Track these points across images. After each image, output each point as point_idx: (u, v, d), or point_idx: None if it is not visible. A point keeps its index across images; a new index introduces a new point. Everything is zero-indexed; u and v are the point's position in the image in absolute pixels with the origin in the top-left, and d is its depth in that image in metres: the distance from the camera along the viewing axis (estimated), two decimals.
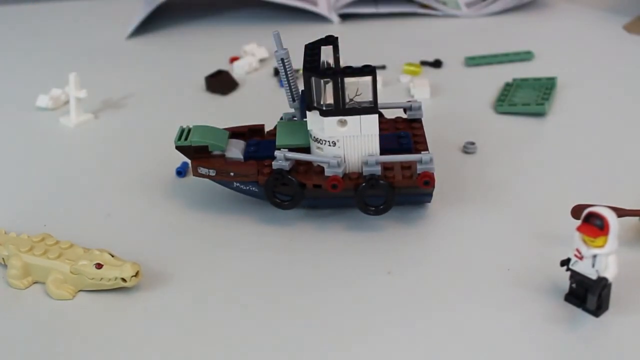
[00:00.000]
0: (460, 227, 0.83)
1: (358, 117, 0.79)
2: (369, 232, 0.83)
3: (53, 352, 0.71)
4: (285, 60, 0.83)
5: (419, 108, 0.89)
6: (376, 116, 0.80)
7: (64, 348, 0.71)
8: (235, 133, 0.89)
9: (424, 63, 1.20)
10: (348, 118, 0.79)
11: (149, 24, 1.40)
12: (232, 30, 1.39)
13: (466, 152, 0.96)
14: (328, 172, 0.81)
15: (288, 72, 0.84)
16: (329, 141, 0.81)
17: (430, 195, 0.84)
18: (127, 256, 0.79)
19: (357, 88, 0.80)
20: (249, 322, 0.73)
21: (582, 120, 1.02)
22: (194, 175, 0.86)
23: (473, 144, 0.96)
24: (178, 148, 0.86)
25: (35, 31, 1.45)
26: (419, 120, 0.89)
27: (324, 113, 0.79)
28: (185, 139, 0.85)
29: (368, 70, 0.78)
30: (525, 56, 1.20)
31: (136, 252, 0.81)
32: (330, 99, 0.79)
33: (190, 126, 0.87)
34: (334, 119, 0.80)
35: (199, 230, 0.86)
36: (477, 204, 0.87)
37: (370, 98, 0.79)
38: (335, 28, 1.36)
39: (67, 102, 1.13)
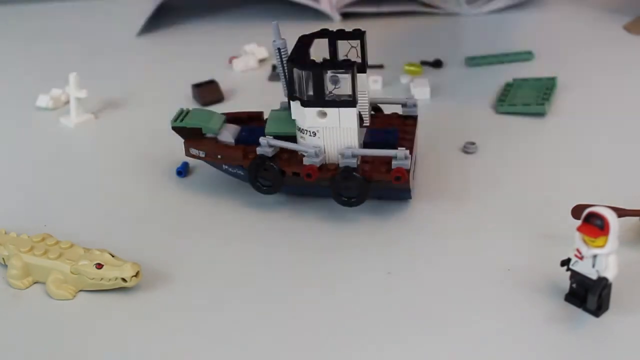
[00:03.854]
0: (460, 227, 0.83)
1: (337, 109, 0.81)
2: (369, 231, 0.83)
3: (53, 352, 0.71)
4: (282, 50, 0.84)
5: (414, 105, 0.90)
6: (354, 110, 0.81)
7: (64, 348, 0.71)
8: (235, 118, 0.91)
9: (424, 63, 1.20)
10: (327, 110, 0.81)
11: (150, 24, 1.40)
12: (233, 29, 1.39)
13: (466, 152, 0.96)
14: (306, 161, 0.82)
15: (284, 62, 0.85)
16: (309, 131, 0.82)
17: (408, 191, 0.84)
18: (127, 256, 0.79)
19: (340, 80, 0.82)
20: (249, 321, 0.73)
21: (582, 120, 1.02)
22: (185, 155, 0.89)
23: (473, 144, 0.96)
24: (174, 128, 0.89)
25: (35, 31, 1.45)
26: (414, 118, 0.90)
27: (305, 103, 0.81)
28: (182, 120, 0.89)
29: (347, 65, 0.80)
30: (525, 56, 1.20)
31: (136, 252, 0.81)
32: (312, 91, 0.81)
33: (190, 109, 0.90)
34: (314, 110, 0.81)
35: (200, 230, 0.86)
36: (477, 204, 0.87)
37: (349, 92, 0.81)
38: (336, 27, 1.35)
39: (67, 102, 1.13)
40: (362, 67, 0.84)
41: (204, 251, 0.82)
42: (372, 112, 0.89)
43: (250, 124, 0.91)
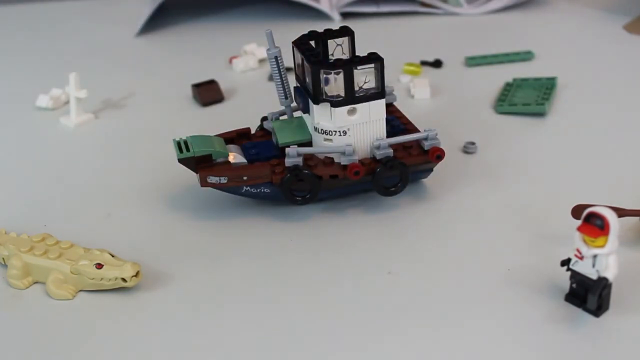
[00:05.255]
0: (460, 227, 0.83)
1: (367, 104, 0.82)
2: (368, 231, 0.84)
3: (53, 352, 0.71)
4: (278, 58, 0.85)
5: (391, 93, 0.92)
6: (383, 101, 0.82)
7: (64, 348, 0.71)
8: (225, 139, 0.88)
9: (424, 63, 1.20)
10: (358, 106, 0.82)
11: (150, 23, 1.40)
12: (233, 29, 1.39)
13: (466, 152, 0.96)
14: (344, 160, 0.83)
15: (281, 70, 0.85)
16: (339, 131, 0.82)
17: (431, 170, 0.87)
18: (127, 256, 0.79)
19: (365, 76, 0.83)
20: (249, 322, 0.73)
21: (582, 120, 1.02)
22: (202, 186, 0.84)
23: (473, 144, 0.96)
24: (181, 161, 0.84)
25: (35, 31, 1.45)
26: (392, 105, 0.92)
27: (336, 103, 0.81)
28: (187, 150, 0.83)
29: (375, 58, 0.81)
30: (525, 56, 1.20)
31: (136, 252, 0.81)
32: (333, 91, 0.82)
33: (184, 137, 0.86)
34: (344, 109, 0.82)
35: (199, 229, 0.86)
36: (477, 204, 0.87)
37: (376, 84, 0.82)
38: (336, 26, 1.35)
39: (67, 102, 1.12)
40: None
41: (204, 250, 0.82)
42: None
43: (240, 141, 0.89)
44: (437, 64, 1.20)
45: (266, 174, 0.83)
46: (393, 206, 0.87)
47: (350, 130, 0.83)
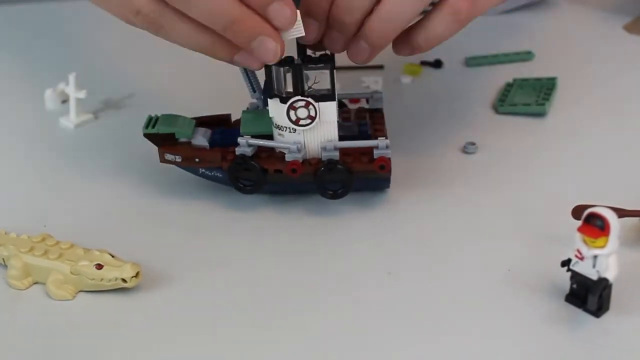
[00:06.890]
0: (460, 228, 0.83)
1: (317, 104, 0.82)
2: (367, 231, 0.84)
3: (53, 352, 0.71)
4: None
5: (380, 99, 0.92)
6: (334, 103, 0.82)
7: (64, 348, 0.71)
8: (203, 122, 0.91)
9: (424, 63, 1.20)
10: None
11: None
12: None
13: (466, 153, 0.96)
14: (288, 157, 0.83)
15: None
16: (289, 128, 0.82)
17: (388, 180, 0.85)
18: (127, 257, 0.79)
19: (314, 76, 0.83)
20: (249, 322, 0.73)
21: (582, 120, 1.02)
22: (160, 161, 0.88)
23: (473, 144, 0.96)
24: (146, 136, 0.89)
25: (35, 31, 1.45)
26: (379, 110, 0.92)
27: (284, 100, 0.82)
28: (153, 127, 0.88)
29: (326, 59, 0.81)
30: (525, 56, 1.19)
31: (136, 253, 0.81)
32: (291, 87, 0.82)
33: (159, 114, 0.90)
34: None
35: (200, 230, 0.86)
36: (477, 204, 0.87)
37: (328, 86, 0.82)
38: None
39: (65, 101, 1.12)
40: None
41: (204, 251, 0.82)
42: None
43: (218, 126, 0.91)
44: (437, 64, 1.20)
45: (217, 159, 0.86)
46: (391, 206, 0.87)
47: (300, 129, 0.83)
